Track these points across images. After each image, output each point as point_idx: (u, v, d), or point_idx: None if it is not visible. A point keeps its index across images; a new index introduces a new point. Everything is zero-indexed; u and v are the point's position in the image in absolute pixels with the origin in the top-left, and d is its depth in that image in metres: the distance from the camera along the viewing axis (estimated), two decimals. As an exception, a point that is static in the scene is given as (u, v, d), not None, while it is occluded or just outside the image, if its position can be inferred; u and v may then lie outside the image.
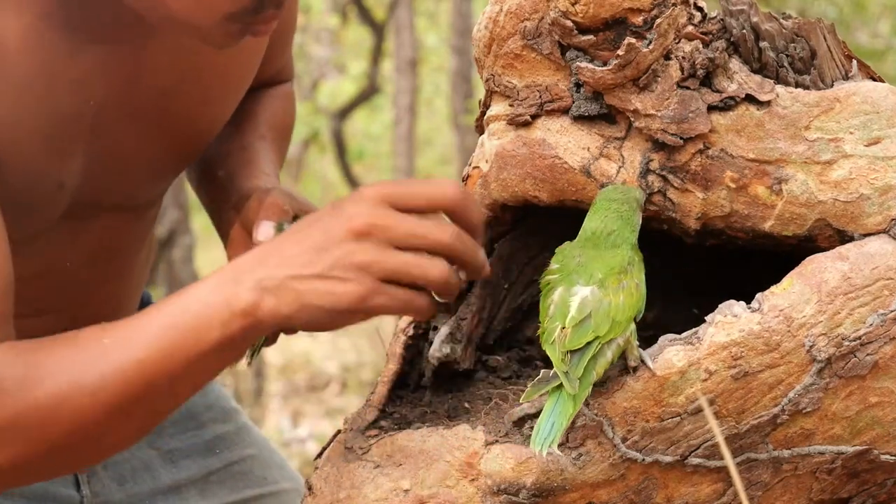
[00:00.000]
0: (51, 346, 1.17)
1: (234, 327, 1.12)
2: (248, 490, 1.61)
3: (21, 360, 1.15)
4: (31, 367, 1.15)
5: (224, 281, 1.14)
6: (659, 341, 1.13)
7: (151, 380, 1.14)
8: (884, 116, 1.15)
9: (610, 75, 1.14)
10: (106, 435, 1.16)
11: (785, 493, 1.17)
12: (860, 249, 1.14)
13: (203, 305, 1.14)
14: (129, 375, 1.14)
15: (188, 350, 1.14)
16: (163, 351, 1.14)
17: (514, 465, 1.15)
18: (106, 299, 1.49)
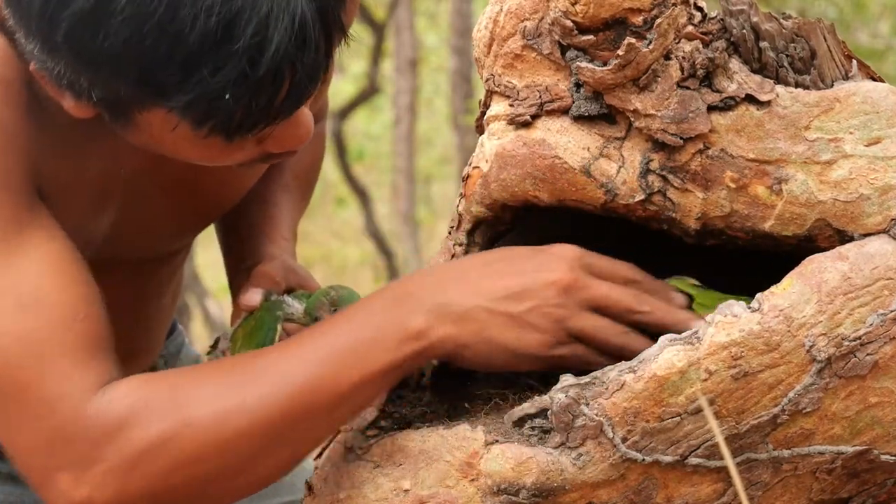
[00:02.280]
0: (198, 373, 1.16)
1: (405, 351, 1.13)
2: (278, 497, 1.59)
3: (166, 384, 1.14)
4: (179, 390, 1.13)
5: (396, 303, 1.15)
6: (659, 341, 1.14)
7: (313, 402, 1.13)
8: (884, 116, 1.15)
9: (610, 75, 1.14)
10: (260, 460, 1.14)
11: (785, 493, 1.17)
12: (860, 249, 1.14)
13: (375, 329, 1.13)
14: (291, 397, 1.13)
15: (354, 373, 1.13)
16: (328, 373, 1.13)
17: (514, 465, 1.15)
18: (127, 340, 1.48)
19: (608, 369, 1.15)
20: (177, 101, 1.06)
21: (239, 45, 1.04)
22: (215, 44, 1.04)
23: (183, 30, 1.02)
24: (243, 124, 1.10)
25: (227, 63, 1.04)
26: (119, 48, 1.03)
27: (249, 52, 1.04)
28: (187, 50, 1.03)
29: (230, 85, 1.05)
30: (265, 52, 1.04)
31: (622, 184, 1.17)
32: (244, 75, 1.05)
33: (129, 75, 1.06)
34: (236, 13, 1.03)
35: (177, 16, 1.02)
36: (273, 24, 1.04)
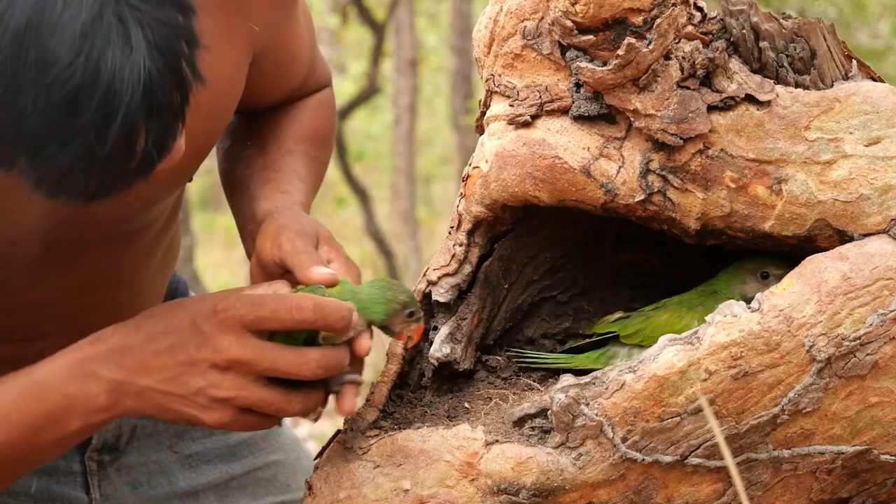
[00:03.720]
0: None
1: (95, 420, 1.19)
2: (270, 497, 1.60)
3: None
4: None
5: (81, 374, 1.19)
6: (659, 341, 1.14)
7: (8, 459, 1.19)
8: (883, 116, 1.15)
9: (610, 75, 1.14)
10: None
11: (785, 493, 1.17)
12: (860, 249, 1.14)
13: (64, 397, 1.18)
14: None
15: (47, 436, 1.19)
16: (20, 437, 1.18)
17: (513, 465, 1.15)
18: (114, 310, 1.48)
19: (608, 369, 1.15)
20: (28, 177, 1.05)
21: (84, 119, 1.01)
22: (60, 119, 1.01)
23: (25, 108, 1.00)
24: (98, 193, 1.09)
25: (73, 139, 1.02)
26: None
27: (96, 126, 1.02)
28: (32, 127, 1.01)
29: (79, 160, 1.03)
30: (112, 124, 1.02)
31: (622, 184, 1.17)
32: (92, 149, 1.03)
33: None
34: (78, 87, 1.00)
35: (18, 94, 1.00)
36: (118, 94, 1.01)
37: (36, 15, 0.98)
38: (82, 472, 1.48)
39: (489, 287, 1.28)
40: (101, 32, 1.00)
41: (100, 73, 1.00)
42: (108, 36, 1.00)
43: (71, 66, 0.99)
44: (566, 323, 1.36)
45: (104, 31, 1.00)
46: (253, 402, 1.17)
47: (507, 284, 1.31)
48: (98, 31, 0.99)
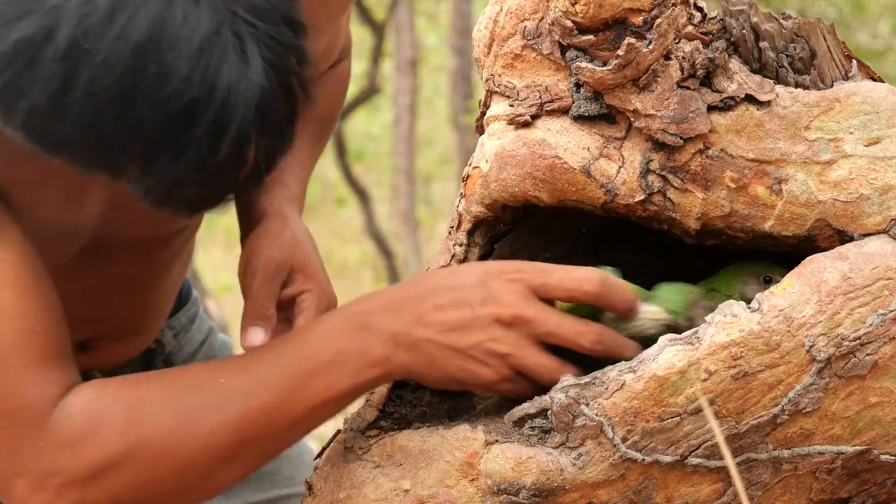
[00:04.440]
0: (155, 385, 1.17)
1: (365, 377, 1.16)
2: (275, 490, 1.61)
3: (123, 398, 1.15)
4: (135, 406, 1.15)
5: (354, 327, 1.17)
6: (659, 341, 1.14)
7: (270, 424, 1.16)
8: (883, 116, 1.15)
9: (610, 75, 1.14)
10: (214, 476, 1.17)
11: (785, 493, 1.17)
12: (860, 249, 1.14)
13: (336, 353, 1.16)
14: (249, 420, 1.15)
15: (314, 397, 1.16)
16: (286, 396, 1.15)
17: (513, 465, 1.15)
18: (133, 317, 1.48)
19: (608, 369, 1.15)
20: (138, 185, 1.06)
21: (198, 131, 1.03)
22: (175, 131, 1.03)
23: (142, 118, 1.02)
24: (204, 205, 1.10)
25: (186, 149, 1.03)
26: (77, 137, 1.02)
27: (209, 138, 1.03)
28: (147, 138, 1.03)
29: (191, 170, 1.05)
30: (224, 137, 1.04)
31: (622, 184, 1.17)
32: (205, 161, 1.04)
33: (89, 162, 1.05)
34: (194, 100, 1.02)
35: (135, 105, 1.01)
36: (232, 109, 1.03)
37: (157, 28, 1.00)
38: None
39: (489, 287, 1.28)
40: (218, 47, 1.01)
41: (216, 87, 1.01)
42: (226, 51, 1.02)
43: (188, 79, 1.01)
44: (566, 323, 1.35)
45: (221, 46, 1.01)
46: (529, 365, 1.16)
47: (507, 284, 1.31)
48: (216, 46, 1.01)
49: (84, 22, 0.99)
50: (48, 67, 1.00)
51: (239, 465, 1.17)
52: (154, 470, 1.14)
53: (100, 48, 0.99)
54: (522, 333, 1.16)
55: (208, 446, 1.14)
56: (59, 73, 1.00)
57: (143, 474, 1.14)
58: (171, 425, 1.14)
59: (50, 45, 0.99)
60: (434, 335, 1.16)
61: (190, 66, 1.01)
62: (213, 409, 1.15)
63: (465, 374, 1.16)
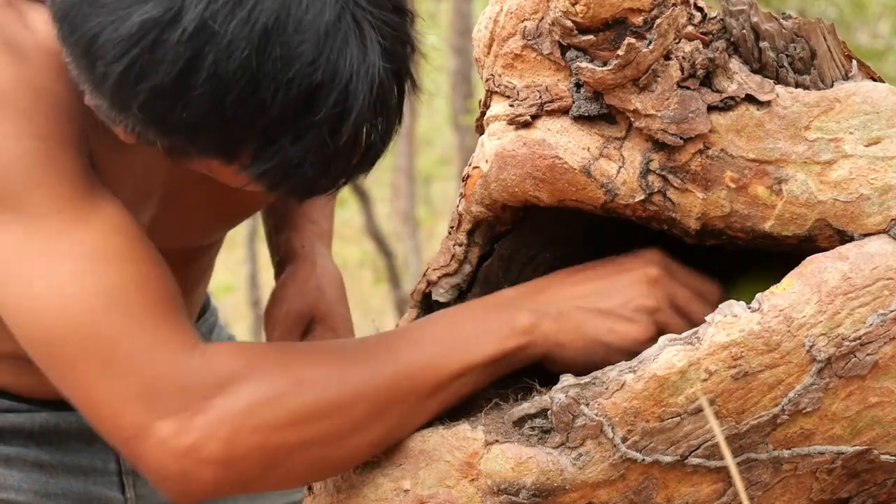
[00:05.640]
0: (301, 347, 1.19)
1: (509, 344, 1.18)
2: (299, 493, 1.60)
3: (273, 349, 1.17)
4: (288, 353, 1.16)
5: (495, 306, 1.19)
6: (659, 341, 1.14)
7: (416, 385, 1.17)
8: (883, 116, 1.15)
9: (610, 75, 1.14)
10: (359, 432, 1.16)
11: (785, 493, 1.17)
12: (860, 249, 1.14)
13: (482, 322, 1.18)
14: (399, 376, 1.16)
15: (458, 359, 1.17)
16: (433, 357, 1.17)
17: (513, 466, 1.15)
18: None
19: (608, 369, 1.15)
20: (254, 168, 1.07)
21: (320, 115, 1.05)
22: (297, 114, 1.04)
23: (265, 101, 1.03)
24: (318, 188, 1.11)
25: (307, 133, 1.05)
26: (198, 119, 1.04)
27: (330, 122, 1.05)
28: (268, 121, 1.04)
29: (310, 153, 1.06)
30: (346, 121, 1.06)
31: (622, 184, 1.17)
32: (325, 144, 1.06)
33: (207, 144, 1.07)
34: (318, 85, 1.04)
35: (259, 88, 1.03)
36: (353, 94, 1.05)
37: (283, 12, 1.02)
38: (118, 472, 1.47)
39: (489, 287, 1.28)
40: (341, 33, 1.04)
41: (338, 72, 1.04)
42: (347, 37, 1.04)
43: (313, 63, 1.03)
44: (566, 323, 1.36)
45: (343, 31, 1.04)
46: (669, 323, 1.20)
47: (507, 284, 1.31)
48: (339, 32, 1.04)
49: (212, 4, 1.01)
50: (174, 48, 1.01)
51: (381, 427, 1.16)
52: (310, 408, 1.13)
53: (227, 31, 1.01)
54: (664, 293, 1.20)
55: (359, 396, 1.14)
56: (185, 54, 1.01)
57: (299, 411, 1.13)
58: (326, 370, 1.14)
59: (177, 27, 1.01)
60: (580, 301, 1.19)
61: (315, 51, 1.03)
62: (365, 361, 1.15)
63: (613, 336, 1.18)
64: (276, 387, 1.13)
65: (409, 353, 1.17)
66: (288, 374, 1.13)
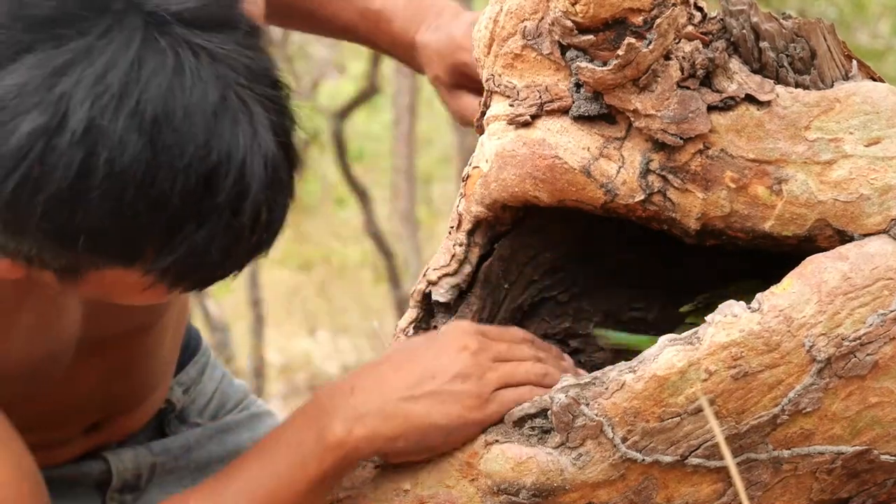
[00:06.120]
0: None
1: (327, 462, 1.16)
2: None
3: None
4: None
5: (314, 415, 1.17)
6: (659, 341, 1.14)
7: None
8: (883, 116, 1.15)
9: (610, 75, 1.14)
10: None
11: (785, 493, 1.17)
12: (860, 249, 1.14)
13: (295, 451, 1.16)
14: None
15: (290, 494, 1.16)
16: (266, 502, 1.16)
17: (513, 466, 1.15)
18: (138, 389, 1.46)
19: (608, 369, 1.15)
20: (158, 263, 1.05)
21: (221, 197, 1.03)
22: (197, 199, 1.03)
23: (164, 192, 1.01)
24: (221, 274, 1.10)
25: (210, 216, 1.04)
26: (99, 222, 1.02)
27: (231, 203, 1.04)
28: (170, 211, 1.02)
29: (216, 238, 1.05)
30: (246, 199, 1.04)
31: (622, 184, 1.17)
32: (228, 226, 1.04)
33: (109, 248, 1.05)
34: (214, 167, 1.02)
35: (156, 179, 1.01)
36: (250, 171, 1.04)
37: (169, 100, 1.00)
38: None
39: (489, 287, 1.28)
40: (229, 112, 1.02)
41: (232, 151, 1.02)
42: (236, 116, 1.03)
43: (206, 145, 1.01)
44: (566, 323, 1.36)
45: (231, 110, 1.02)
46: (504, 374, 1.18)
47: (507, 284, 1.31)
48: (227, 112, 1.02)
49: (97, 103, 0.99)
50: (67, 153, 0.99)
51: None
52: None
53: (116, 127, 0.99)
54: (487, 357, 1.19)
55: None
56: (77, 156, 0.99)
57: None
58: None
59: (65, 131, 0.99)
60: (403, 392, 1.16)
61: (206, 133, 1.01)
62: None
63: (447, 417, 1.16)
64: None
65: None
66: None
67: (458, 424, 1.16)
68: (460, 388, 1.16)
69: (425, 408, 1.16)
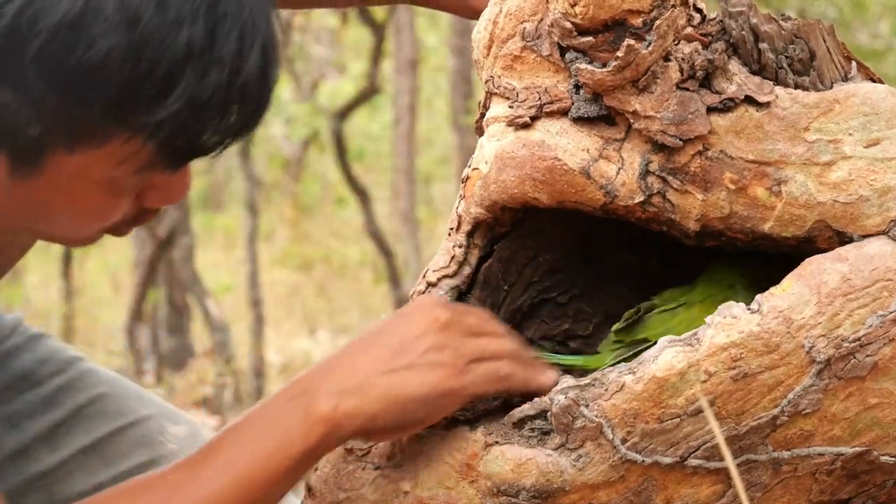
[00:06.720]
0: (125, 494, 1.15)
1: (313, 437, 1.13)
2: (105, 427, 1.56)
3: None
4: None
5: (297, 393, 1.15)
6: (658, 342, 1.14)
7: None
8: (883, 118, 1.15)
9: (609, 77, 1.14)
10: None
11: (785, 495, 1.17)
12: (859, 251, 1.14)
13: (280, 422, 1.13)
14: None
15: (272, 471, 1.13)
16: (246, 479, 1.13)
17: (513, 467, 1.15)
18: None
19: (608, 371, 1.15)
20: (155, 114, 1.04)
21: (223, 50, 1.03)
22: (201, 49, 1.03)
23: (169, 35, 1.01)
24: (208, 142, 1.09)
25: (211, 68, 1.04)
26: (101, 60, 1.00)
27: (233, 58, 1.04)
28: (173, 55, 1.02)
29: (216, 92, 1.04)
30: (246, 60, 1.05)
31: (621, 185, 1.17)
32: (229, 82, 1.04)
33: (105, 93, 1.03)
34: (221, 17, 1.03)
35: (164, 20, 1.01)
36: (250, 32, 1.05)
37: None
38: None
39: (489, 289, 1.28)
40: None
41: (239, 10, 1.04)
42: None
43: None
44: (566, 324, 1.36)
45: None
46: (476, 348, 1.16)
47: (506, 286, 1.31)
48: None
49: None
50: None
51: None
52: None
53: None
54: (459, 330, 1.16)
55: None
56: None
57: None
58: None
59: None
60: (378, 367, 1.14)
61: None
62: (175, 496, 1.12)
63: (424, 387, 1.13)
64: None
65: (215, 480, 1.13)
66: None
67: (436, 394, 1.14)
68: (435, 359, 1.14)
69: (402, 379, 1.13)
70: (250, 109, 1.09)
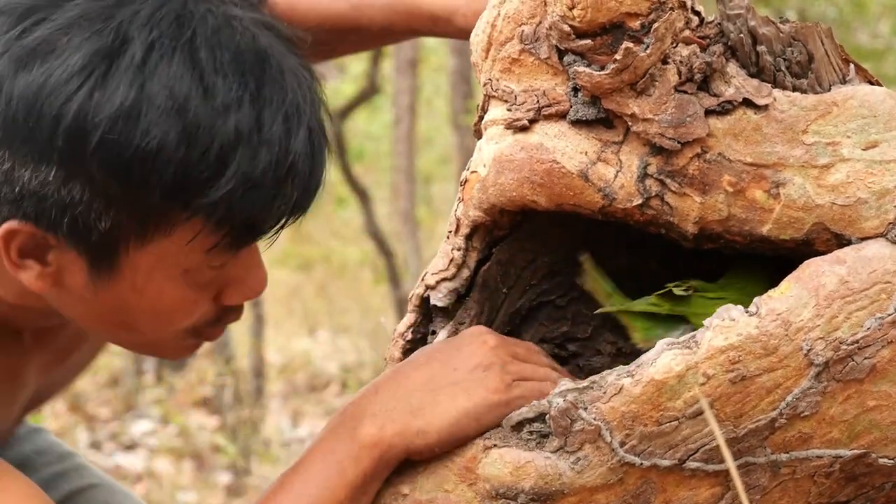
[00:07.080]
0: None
1: (364, 464, 1.15)
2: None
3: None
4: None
5: (343, 420, 1.17)
6: (657, 345, 1.14)
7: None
8: (881, 120, 1.15)
9: (607, 79, 1.14)
10: None
11: (783, 497, 1.17)
12: (858, 253, 1.14)
13: (331, 453, 1.16)
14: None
15: (336, 502, 1.15)
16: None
17: (512, 470, 1.15)
18: None
19: (606, 373, 1.15)
20: (210, 195, 1.09)
21: (271, 132, 1.09)
22: (249, 132, 1.08)
23: (217, 120, 1.07)
24: (266, 221, 1.14)
25: (261, 150, 1.09)
26: (156, 146, 1.06)
27: (280, 140, 1.10)
28: (223, 138, 1.07)
29: (267, 170, 1.09)
30: (293, 140, 1.10)
31: (620, 188, 1.17)
32: (278, 161, 1.10)
33: (163, 177, 1.07)
34: (265, 103, 1.09)
35: (211, 107, 1.06)
36: (295, 117, 1.11)
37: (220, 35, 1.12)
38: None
39: (487, 291, 1.28)
40: (273, 59, 1.14)
41: (285, 94, 1.13)
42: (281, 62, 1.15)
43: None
44: (564, 327, 1.36)
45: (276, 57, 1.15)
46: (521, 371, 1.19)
47: (505, 289, 1.31)
48: (269, 59, 1.14)
49: (154, 30, 1.08)
50: (126, 73, 1.06)
51: None
52: None
53: (173, 55, 1.08)
54: (506, 353, 1.19)
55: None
56: (136, 81, 1.06)
57: None
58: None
59: (126, 51, 1.07)
60: (428, 386, 1.17)
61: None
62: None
63: (473, 401, 1.16)
64: None
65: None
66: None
67: (484, 408, 1.16)
68: (482, 376, 1.17)
69: (450, 396, 1.16)
70: (302, 187, 1.14)
